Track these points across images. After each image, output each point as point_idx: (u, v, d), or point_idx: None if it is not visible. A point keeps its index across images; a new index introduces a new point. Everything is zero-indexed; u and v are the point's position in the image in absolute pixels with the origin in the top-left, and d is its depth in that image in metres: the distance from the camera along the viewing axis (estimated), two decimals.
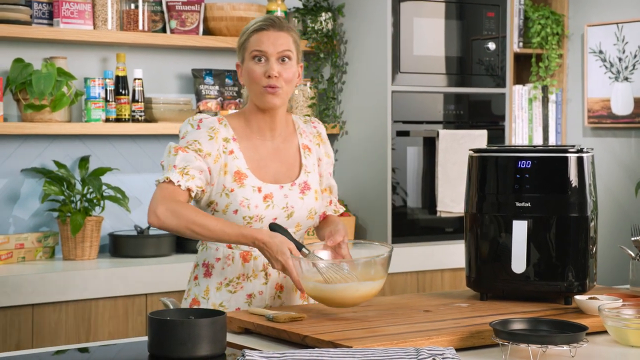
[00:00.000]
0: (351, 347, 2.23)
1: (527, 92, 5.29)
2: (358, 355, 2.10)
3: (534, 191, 2.82)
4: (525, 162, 2.83)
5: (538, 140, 5.30)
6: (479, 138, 4.69)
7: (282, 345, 2.41)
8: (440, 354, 2.14)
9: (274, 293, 2.83)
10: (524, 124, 5.27)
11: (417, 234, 4.66)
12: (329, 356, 2.10)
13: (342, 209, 3.07)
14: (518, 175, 2.83)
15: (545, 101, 5.33)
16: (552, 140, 5.33)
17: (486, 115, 4.86)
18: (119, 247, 4.22)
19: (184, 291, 3.97)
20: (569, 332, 2.28)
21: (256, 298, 2.81)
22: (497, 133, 4.85)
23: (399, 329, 2.42)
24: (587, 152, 2.85)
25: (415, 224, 4.67)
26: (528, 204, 2.81)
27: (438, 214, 4.66)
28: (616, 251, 4.71)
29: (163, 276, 3.96)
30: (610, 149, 5.20)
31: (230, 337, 2.42)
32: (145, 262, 4.03)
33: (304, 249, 2.67)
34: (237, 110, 3.03)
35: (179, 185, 2.67)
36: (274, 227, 2.70)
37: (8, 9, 4.03)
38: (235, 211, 2.76)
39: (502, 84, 4.88)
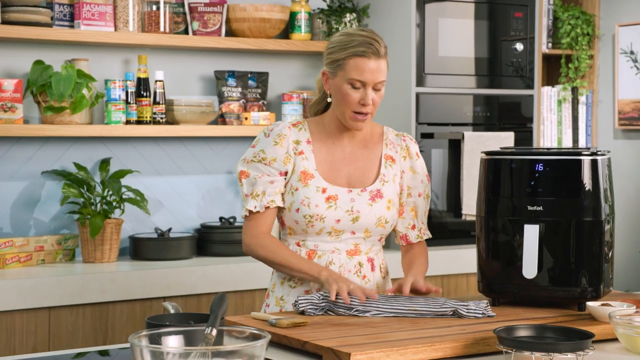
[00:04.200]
0: (350, 353, 2.18)
1: (556, 94, 5.20)
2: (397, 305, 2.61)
3: (546, 195, 2.74)
4: (537, 165, 2.76)
5: (568, 143, 5.20)
6: (505, 140, 4.62)
7: (283, 350, 2.37)
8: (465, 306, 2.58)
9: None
10: (553, 126, 5.18)
11: (442, 237, 4.60)
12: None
13: (427, 235, 3.00)
14: (530, 179, 2.76)
15: (575, 103, 5.23)
16: (582, 143, 5.23)
17: (514, 117, 4.78)
18: (139, 249, 4.20)
19: (202, 294, 4.00)
20: (575, 339, 2.22)
21: (312, 294, 2.74)
22: (525, 135, 4.77)
23: (402, 335, 2.37)
24: (602, 154, 2.77)
25: (440, 227, 4.61)
26: (540, 208, 2.74)
27: (463, 217, 4.59)
28: None
29: (183, 279, 3.94)
30: None
31: None
32: (166, 265, 4.01)
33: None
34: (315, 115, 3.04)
35: (258, 211, 2.82)
36: (221, 296, 2.17)
37: (29, 11, 4.02)
38: (297, 209, 2.81)
39: (531, 85, 4.80)
